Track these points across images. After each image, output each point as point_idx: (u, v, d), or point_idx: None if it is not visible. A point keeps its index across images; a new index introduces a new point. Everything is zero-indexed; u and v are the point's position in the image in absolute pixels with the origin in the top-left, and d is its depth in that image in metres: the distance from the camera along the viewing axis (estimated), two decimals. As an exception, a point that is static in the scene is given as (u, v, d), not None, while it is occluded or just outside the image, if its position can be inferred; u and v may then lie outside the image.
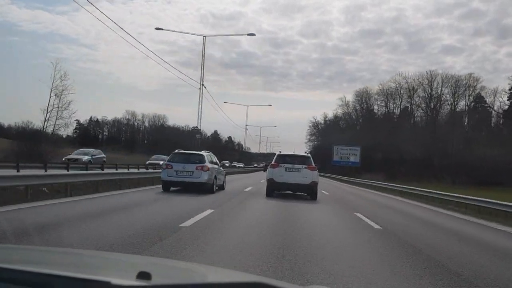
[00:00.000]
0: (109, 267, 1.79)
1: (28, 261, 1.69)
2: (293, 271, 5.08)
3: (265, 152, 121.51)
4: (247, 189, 20.23)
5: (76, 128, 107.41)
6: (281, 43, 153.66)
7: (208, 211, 10.21)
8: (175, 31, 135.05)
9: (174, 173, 16.11)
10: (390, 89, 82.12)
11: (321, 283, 4.59)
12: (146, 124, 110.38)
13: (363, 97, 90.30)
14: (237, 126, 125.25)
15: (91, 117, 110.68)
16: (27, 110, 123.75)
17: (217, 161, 19.04)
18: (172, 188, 16.55)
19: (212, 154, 18.58)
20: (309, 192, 16.21)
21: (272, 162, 16.67)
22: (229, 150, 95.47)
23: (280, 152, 17.93)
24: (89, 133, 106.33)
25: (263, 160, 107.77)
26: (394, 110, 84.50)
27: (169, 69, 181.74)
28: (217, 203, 12.56)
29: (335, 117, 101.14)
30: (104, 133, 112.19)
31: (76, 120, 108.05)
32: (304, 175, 15.87)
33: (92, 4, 18.20)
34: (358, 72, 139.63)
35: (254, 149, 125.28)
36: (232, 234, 7.64)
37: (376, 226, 9.91)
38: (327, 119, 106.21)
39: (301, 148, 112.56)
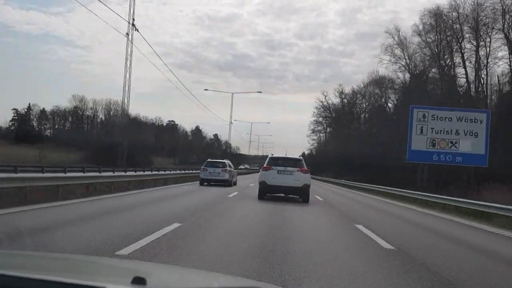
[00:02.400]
0: (104, 273, 1.82)
1: (22, 267, 1.68)
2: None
3: (260, 154, 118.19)
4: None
5: (12, 120, 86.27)
6: (277, 45, 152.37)
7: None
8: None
9: (208, 174, 25.35)
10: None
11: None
12: (100, 114, 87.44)
13: (439, 24, 42.34)
14: (223, 120, 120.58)
15: (29, 104, 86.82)
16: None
17: (232, 165, 28.15)
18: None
19: (229, 161, 28.65)
20: (301, 195, 16.35)
21: (264, 165, 16.81)
22: (213, 150, 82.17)
23: (272, 154, 18.33)
24: (28, 125, 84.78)
25: (257, 163, 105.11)
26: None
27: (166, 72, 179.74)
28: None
29: (372, 81, 57.55)
30: (55, 125, 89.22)
31: (14, 109, 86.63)
32: (296, 178, 16.01)
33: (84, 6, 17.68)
34: (354, 74, 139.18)
35: (245, 151, 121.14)
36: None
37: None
38: (344, 95, 69.28)
39: (300, 150, 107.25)
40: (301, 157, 17.63)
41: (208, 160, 27.25)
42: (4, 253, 2.40)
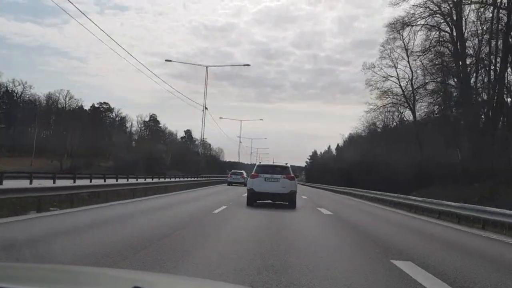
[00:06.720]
0: (104, 282, 1.80)
1: (21, 279, 1.66)
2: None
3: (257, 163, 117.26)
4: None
5: None
6: (274, 54, 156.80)
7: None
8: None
9: (232, 179, 41.33)
10: None
11: None
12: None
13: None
14: (226, 135, 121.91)
15: None
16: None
17: (245, 173, 40.22)
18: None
19: (244, 171, 43.30)
20: (288, 201, 16.58)
21: (252, 173, 17.22)
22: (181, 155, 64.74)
23: (260, 162, 18.95)
24: None
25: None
26: None
27: (173, 92, 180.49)
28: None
29: None
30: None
31: None
32: (283, 185, 16.35)
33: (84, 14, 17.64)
34: (352, 82, 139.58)
35: (247, 160, 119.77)
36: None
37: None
38: None
39: (298, 158, 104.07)
40: (287, 164, 17.91)
41: (232, 170, 45.85)
42: (2, 266, 2.39)
